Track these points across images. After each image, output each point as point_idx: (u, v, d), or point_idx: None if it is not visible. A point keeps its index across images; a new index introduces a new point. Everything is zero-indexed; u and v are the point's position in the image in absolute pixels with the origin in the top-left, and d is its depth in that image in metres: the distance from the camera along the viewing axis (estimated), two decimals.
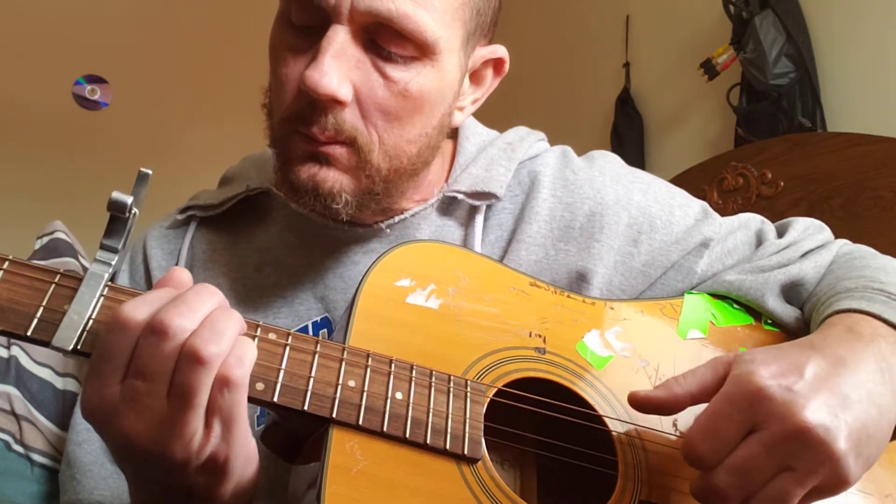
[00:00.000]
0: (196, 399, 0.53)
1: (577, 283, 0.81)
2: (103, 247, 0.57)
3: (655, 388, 0.64)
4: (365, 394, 0.59)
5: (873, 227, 1.59)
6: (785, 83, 1.88)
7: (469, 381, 0.64)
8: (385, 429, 0.59)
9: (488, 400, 0.64)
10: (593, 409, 0.68)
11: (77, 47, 3.18)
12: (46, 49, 3.12)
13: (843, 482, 0.58)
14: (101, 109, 3.22)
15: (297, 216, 0.83)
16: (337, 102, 0.68)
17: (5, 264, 0.55)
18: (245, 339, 0.56)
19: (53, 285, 0.56)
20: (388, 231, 0.81)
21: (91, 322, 0.55)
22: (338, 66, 0.67)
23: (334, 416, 0.58)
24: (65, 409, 0.96)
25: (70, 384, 0.98)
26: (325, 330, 0.79)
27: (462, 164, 0.85)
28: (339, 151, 0.71)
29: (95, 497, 0.78)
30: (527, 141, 0.88)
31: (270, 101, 0.75)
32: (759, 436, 0.57)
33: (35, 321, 0.54)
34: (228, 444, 0.55)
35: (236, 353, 0.54)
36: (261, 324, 0.59)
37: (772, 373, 0.59)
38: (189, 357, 0.52)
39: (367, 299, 0.65)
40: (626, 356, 0.73)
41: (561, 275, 0.81)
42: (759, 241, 0.88)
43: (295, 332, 0.61)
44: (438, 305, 0.68)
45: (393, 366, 0.62)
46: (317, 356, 0.60)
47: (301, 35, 0.71)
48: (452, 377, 0.63)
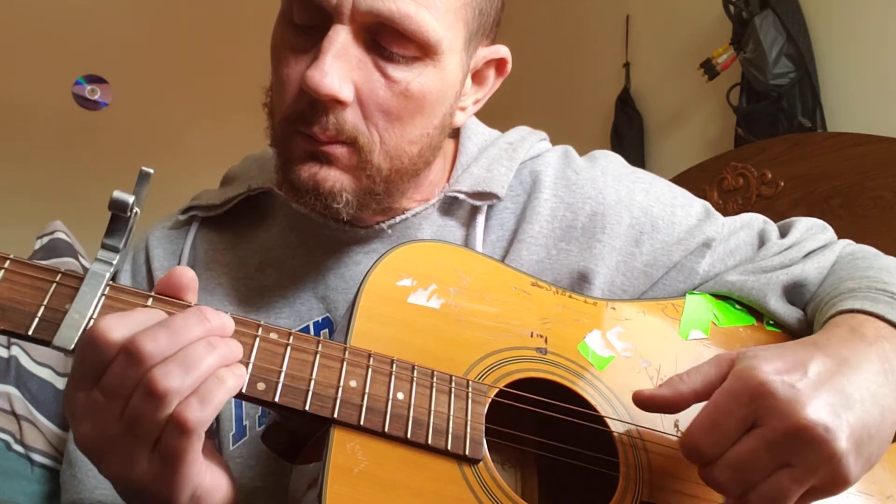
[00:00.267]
0: (140, 430, 0.52)
1: (579, 283, 0.81)
2: (105, 246, 0.57)
3: (660, 386, 0.64)
4: (366, 394, 0.59)
5: (873, 227, 1.59)
6: (785, 83, 1.88)
7: (470, 382, 0.64)
8: (386, 429, 0.58)
9: (489, 400, 0.64)
10: (595, 410, 0.68)
11: (77, 47, 3.17)
12: (46, 49, 3.11)
13: (843, 482, 0.58)
14: (101, 109, 3.22)
15: (298, 216, 0.82)
16: (338, 102, 0.68)
17: (6, 263, 0.55)
18: (222, 374, 0.53)
19: (55, 284, 0.55)
20: (390, 231, 0.81)
21: (92, 322, 0.55)
22: (339, 67, 0.67)
23: (335, 416, 0.58)
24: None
25: None
26: (327, 330, 0.79)
27: (463, 163, 0.85)
28: (339, 151, 0.71)
29: (96, 496, 0.78)
30: (528, 141, 0.87)
31: (271, 101, 0.75)
32: (760, 431, 0.57)
33: (36, 320, 0.54)
34: (170, 482, 0.54)
35: (204, 391, 0.52)
36: (262, 324, 0.59)
37: (775, 369, 0.59)
38: (144, 387, 0.51)
39: (369, 299, 0.65)
40: (628, 356, 0.73)
41: (562, 275, 0.81)
42: (762, 241, 0.88)
43: (296, 332, 0.61)
44: (440, 305, 0.68)
45: (394, 366, 0.61)
46: (318, 356, 0.60)
47: (303, 35, 0.70)
48: (454, 377, 0.63)
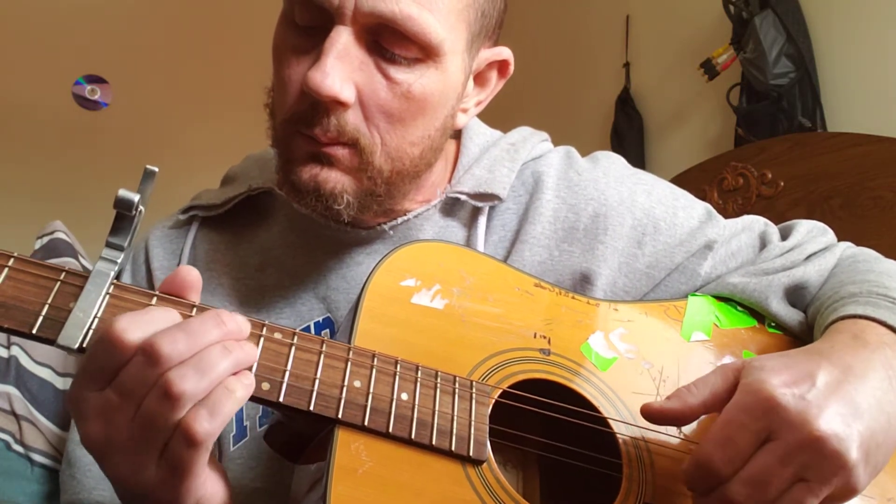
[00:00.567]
0: (152, 432, 0.51)
1: (581, 284, 0.81)
2: (109, 245, 0.56)
3: (667, 398, 0.63)
4: (370, 394, 0.59)
5: (873, 227, 1.59)
6: (785, 83, 1.88)
7: (474, 383, 0.64)
8: (391, 430, 0.58)
9: (493, 401, 0.64)
10: (597, 411, 0.68)
11: (77, 47, 3.17)
12: (46, 49, 3.11)
13: (853, 491, 0.58)
14: (101, 109, 3.21)
15: (299, 216, 0.82)
16: (339, 104, 0.68)
17: (10, 262, 0.55)
18: (232, 385, 0.53)
19: (59, 283, 0.55)
20: (391, 232, 0.81)
21: (97, 321, 0.55)
22: (341, 68, 0.67)
23: (340, 416, 0.57)
24: (65, 409, 0.96)
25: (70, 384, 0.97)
26: (328, 330, 0.79)
27: (465, 164, 0.85)
28: (341, 152, 0.70)
29: (95, 496, 0.77)
30: (530, 141, 0.87)
31: (273, 101, 0.75)
32: (774, 446, 0.57)
33: (41, 319, 0.54)
34: (175, 492, 0.54)
35: (214, 402, 0.52)
36: (266, 323, 0.59)
37: (784, 381, 0.58)
38: (160, 388, 0.51)
39: (373, 299, 0.65)
40: (631, 358, 0.73)
41: (565, 276, 0.81)
42: (763, 243, 0.88)
43: (300, 331, 0.60)
44: (443, 306, 0.68)
45: (398, 366, 0.61)
46: (322, 356, 0.59)
47: (304, 35, 0.70)
48: (458, 378, 0.63)
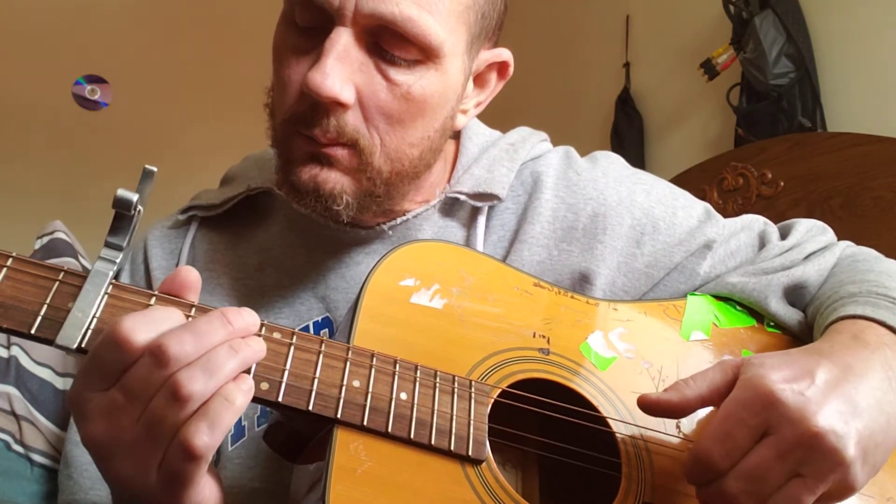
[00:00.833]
0: (158, 433, 0.51)
1: (580, 283, 0.81)
2: (108, 244, 0.56)
3: (665, 390, 0.63)
4: (369, 394, 0.59)
5: (873, 227, 1.59)
6: (785, 83, 1.88)
7: (473, 382, 0.64)
8: (390, 429, 0.58)
9: (492, 401, 0.64)
10: (597, 411, 0.68)
11: (77, 47, 3.17)
12: (46, 49, 3.11)
13: (850, 489, 0.58)
14: (101, 109, 3.21)
15: (298, 216, 0.82)
16: (339, 105, 0.68)
17: (9, 262, 0.55)
18: (231, 395, 0.52)
19: (57, 283, 0.55)
20: (390, 232, 0.81)
21: (95, 321, 0.54)
22: (340, 69, 0.67)
23: (339, 416, 0.57)
24: (65, 409, 0.96)
25: (70, 384, 0.97)
26: (327, 330, 0.79)
27: (464, 164, 0.85)
28: (340, 153, 0.70)
29: (91, 497, 0.77)
30: (529, 141, 0.87)
31: (273, 102, 0.75)
32: (771, 440, 0.57)
33: (39, 319, 0.53)
34: (175, 498, 0.53)
35: (213, 415, 0.51)
36: (265, 323, 0.59)
37: (783, 377, 0.58)
38: (168, 390, 0.50)
39: (372, 298, 0.65)
40: (630, 357, 0.73)
41: (564, 275, 0.81)
42: (762, 242, 0.88)
43: (299, 331, 0.60)
44: (443, 305, 0.68)
45: (397, 366, 0.61)
46: (321, 356, 0.59)
47: (304, 36, 0.70)
48: (457, 378, 0.63)
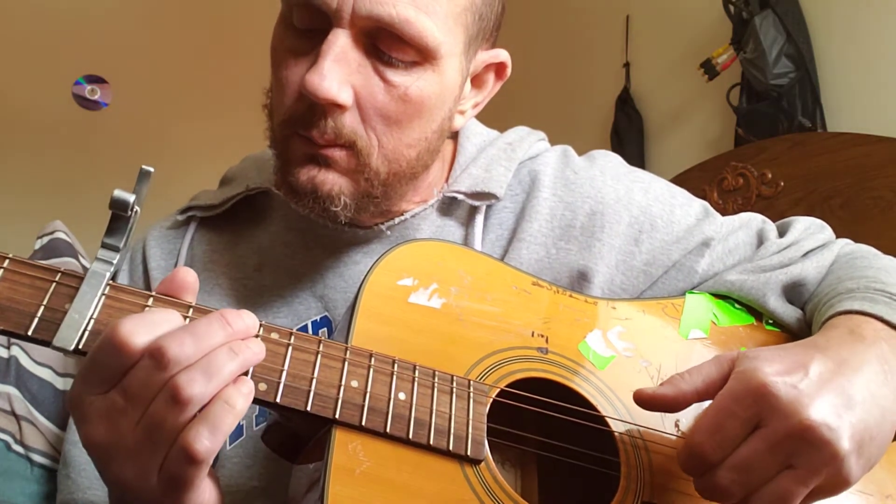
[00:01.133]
0: (158, 436, 0.51)
1: (579, 282, 0.81)
2: (105, 245, 0.56)
3: (661, 385, 0.64)
4: (368, 394, 0.59)
5: (873, 227, 1.59)
6: (785, 83, 1.88)
7: (472, 382, 0.64)
8: (388, 429, 0.58)
9: (491, 400, 0.64)
10: (596, 410, 0.68)
11: (77, 47, 3.17)
12: (46, 49, 3.11)
13: (844, 483, 0.58)
14: (101, 109, 3.22)
15: (297, 216, 0.82)
16: (337, 106, 0.68)
17: (6, 263, 0.55)
18: (232, 399, 0.52)
19: (54, 284, 0.55)
20: (389, 232, 0.81)
21: (92, 322, 0.54)
22: (338, 70, 0.67)
23: (337, 416, 0.57)
24: (65, 410, 0.96)
25: (70, 384, 0.97)
26: (325, 329, 0.79)
27: (462, 164, 0.85)
28: (338, 154, 0.71)
29: (88, 496, 0.77)
30: (527, 141, 0.87)
31: (271, 103, 0.75)
32: (763, 433, 0.57)
33: (36, 320, 0.53)
34: (176, 502, 0.53)
35: (214, 419, 0.51)
36: (263, 323, 0.59)
37: (777, 370, 0.59)
38: (168, 392, 0.50)
39: (370, 298, 0.65)
40: (629, 356, 0.73)
41: (562, 274, 0.81)
42: (761, 240, 0.88)
43: (297, 331, 0.60)
44: (441, 305, 0.68)
45: (396, 366, 0.61)
46: (319, 356, 0.59)
47: (302, 38, 0.70)
48: (455, 377, 0.63)
